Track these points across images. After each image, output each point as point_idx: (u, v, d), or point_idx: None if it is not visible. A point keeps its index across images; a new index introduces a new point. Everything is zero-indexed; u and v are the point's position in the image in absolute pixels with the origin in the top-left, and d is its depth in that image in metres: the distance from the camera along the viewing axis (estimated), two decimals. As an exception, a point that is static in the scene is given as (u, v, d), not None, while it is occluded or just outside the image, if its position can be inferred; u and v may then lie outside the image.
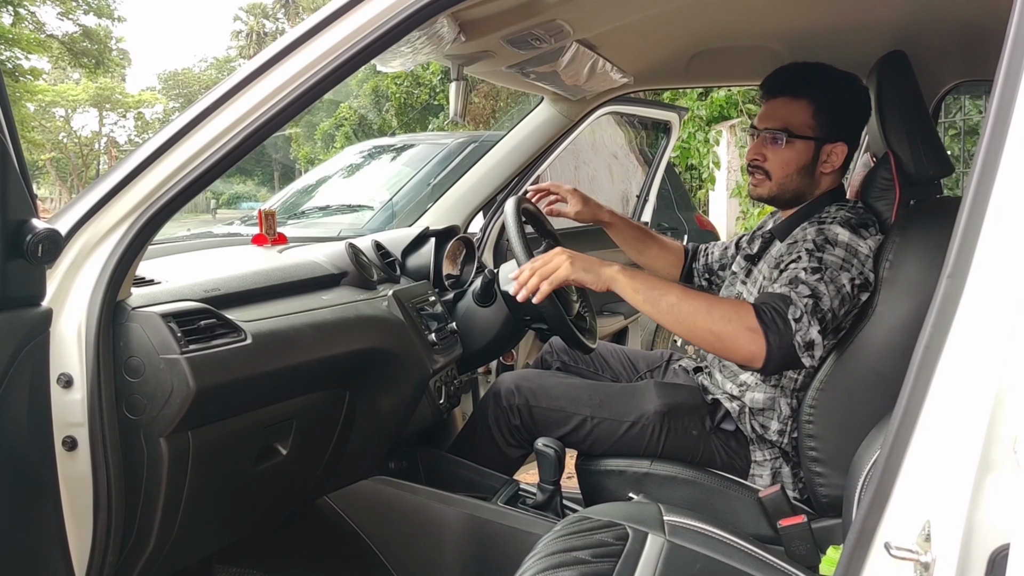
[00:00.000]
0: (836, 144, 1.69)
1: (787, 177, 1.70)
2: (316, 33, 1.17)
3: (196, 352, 1.19)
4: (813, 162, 1.69)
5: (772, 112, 1.71)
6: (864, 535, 0.78)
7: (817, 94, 1.67)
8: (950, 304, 0.75)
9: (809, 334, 1.46)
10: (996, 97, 0.77)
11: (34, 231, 0.96)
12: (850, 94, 1.71)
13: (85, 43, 26.41)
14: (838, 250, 1.54)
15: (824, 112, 1.67)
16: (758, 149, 1.72)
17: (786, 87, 1.70)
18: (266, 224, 1.94)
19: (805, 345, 1.46)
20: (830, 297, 1.49)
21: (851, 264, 1.53)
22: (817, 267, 1.52)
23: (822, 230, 1.58)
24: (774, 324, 1.45)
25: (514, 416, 1.80)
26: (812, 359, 1.47)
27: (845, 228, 1.56)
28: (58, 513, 1.09)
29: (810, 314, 1.46)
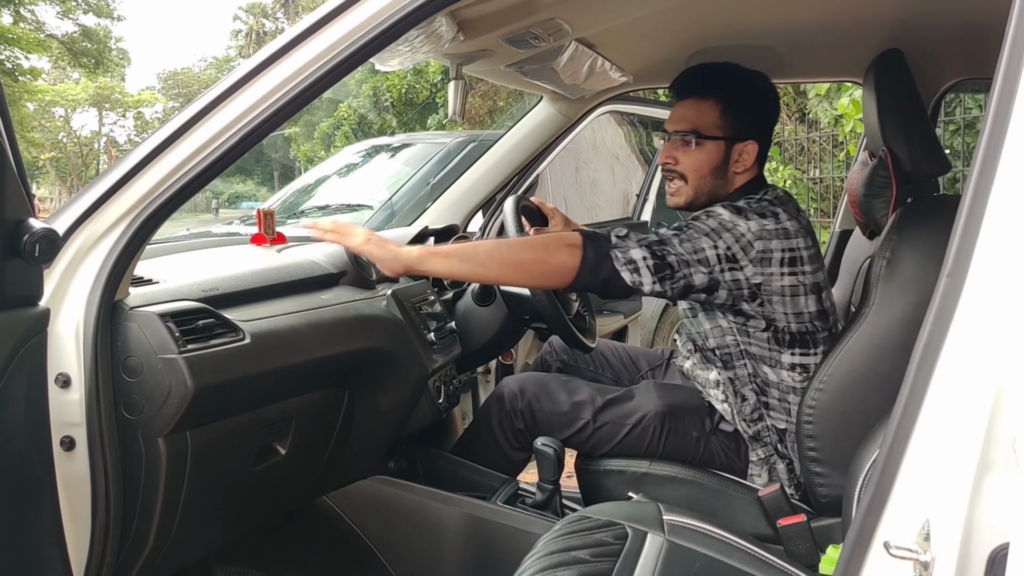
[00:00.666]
0: (746, 143, 1.69)
1: (701, 179, 1.70)
2: (315, 31, 1.16)
3: (194, 352, 1.19)
4: (725, 162, 1.70)
5: (681, 114, 1.72)
6: (863, 534, 0.78)
7: (724, 94, 1.68)
8: (949, 303, 0.75)
9: (630, 253, 1.48)
10: (995, 95, 0.76)
11: (31, 231, 0.95)
12: (757, 92, 1.73)
13: (85, 43, 26.40)
14: (710, 220, 1.56)
15: (732, 111, 1.68)
16: (670, 152, 1.72)
17: (693, 88, 1.71)
18: (265, 223, 1.94)
19: (625, 260, 1.48)
20: (679, 245, 1.51)
21: (719, 235, 1.53)
22: (679, 227, 1.55)
23: (708, 210, 1.60)
24: (594, 237, 1.49)
25: (518, 420, 1.80)
26: (637, 280, 1.49)
27: (727, 209, 1.58)
28: (56, 513, 1.09)
29: (639, 240, 1.50)
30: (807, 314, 1.62)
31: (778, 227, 1.57)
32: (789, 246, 1.58)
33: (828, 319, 1.66)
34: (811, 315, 1.63)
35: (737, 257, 1.54)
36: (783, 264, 1.57)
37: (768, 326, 1.62)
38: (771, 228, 1.56)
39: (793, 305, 1.61)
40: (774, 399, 1.68)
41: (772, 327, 1.62)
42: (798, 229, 1.60)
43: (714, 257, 1.52)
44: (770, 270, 1.57)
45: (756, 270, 1.56)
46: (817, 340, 1.64)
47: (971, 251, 0.75)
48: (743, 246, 1.54)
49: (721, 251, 1.52)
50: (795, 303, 1.61)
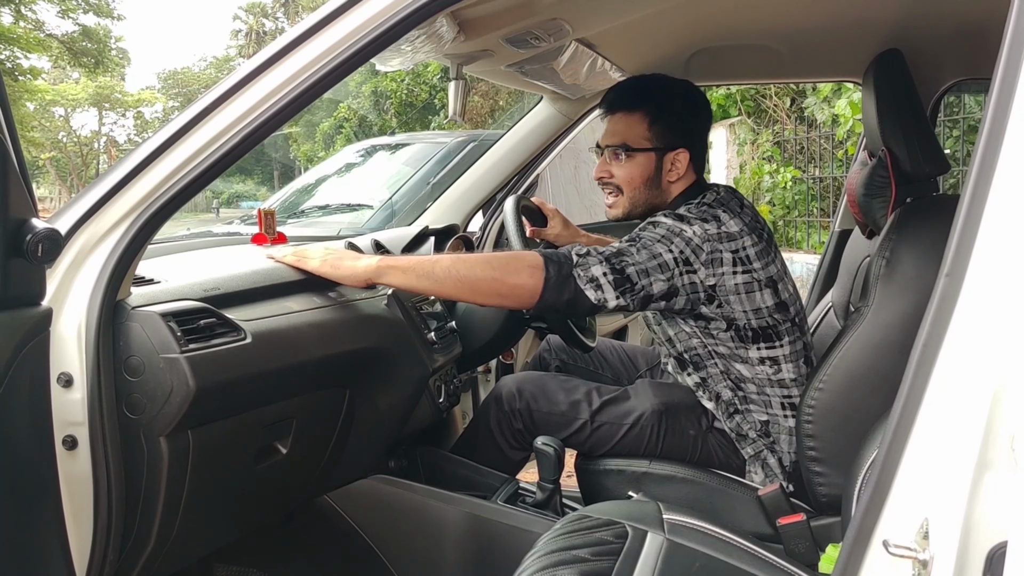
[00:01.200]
0: (677, 152, 1.72)
1: (635, 191, 1.74)
2: (316, 32, 1.17)
3: (196, 351, 1.19)
4: (658, 172, 1.73)
5: (612, 128, 1.76)
6: (863, 533, 0.79)
7: (651, 106, 1.72)
8: (948, 302, 0.76)
9: (591, 270, 1.49)
10: (994, 95, 0.77)
11: (34, 231, 0.96)
12: (685, 101, 1.76)
13: (85, 42, 26.42)
14: (658, 229, 1.58)
15: (660, 123, 1.71)
16: (604, 167, 1.76)
17: (621, 103, 1.75)
18: (266, 223, 1.94)
19: (587, 278, 1.49)
20: (636, 257, 1.52)
21: (670, 241, 1.55)
22: (632, 239, 1.57)
23: (650, 220, 1.62)
24: (556, 257, 1.50)
25: (516, 420, 1.81)
26: (600, 296, 1.50)
27: (669, 217, 1.61)
28: (58, 512, 1.09)
29: (600, 256, 1.51)
30: (765, 308, 1.64)
31: (720, 231, 1.59)
32: (734, 247, 1.60)
33: (789, 310, 1.67)
34: (769, 309, 1.64)
35: (690, 260, 1.56)
36: (734, 264, 1.60)
37: (729, 326, 1.65)
38: (714, 232, 1.59)
39: (750, 302, 1.62)
40: (752, 392, 1.69)
41: (733, 326, 1.65)
42: (742, 228, 1.61)
43: (671, 261, 1.54)
44: (721, 270, 1.59)
45: (708, 271, 1.58)
46: (780, 332, 1.67)
47: (970, 251, 0.75)
48: (693, 249, 1.56)
49: (676, 255, 1.55)
50: (751, 299, 1.62)
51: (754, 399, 1.69)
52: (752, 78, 2.99)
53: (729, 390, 1.71)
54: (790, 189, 6.73)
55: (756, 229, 1.65)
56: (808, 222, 6.65)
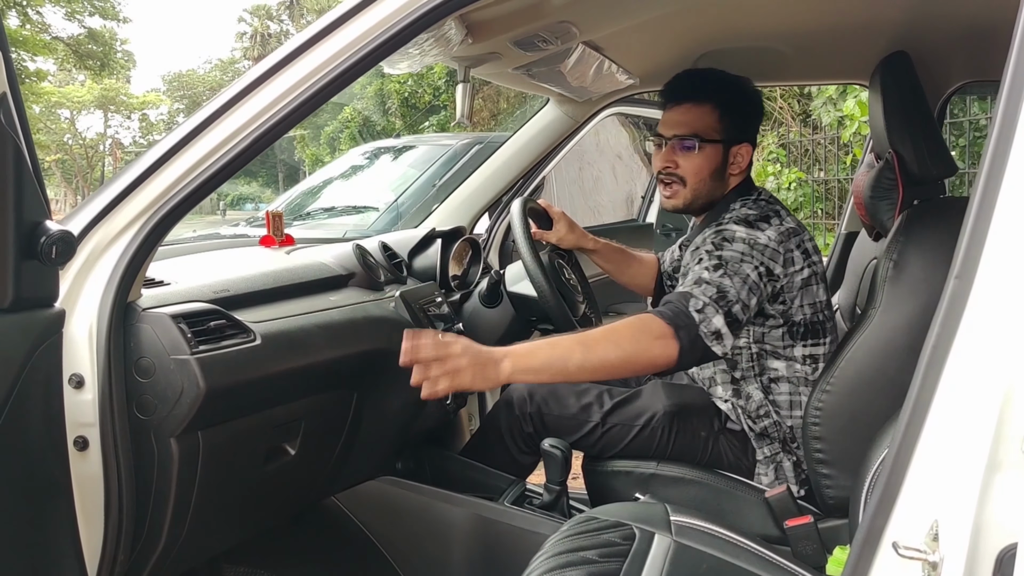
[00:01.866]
0: (741, 145, 1.74)
1: (701, 182, 1.73)
2: (325, 36, 1.17)
3: (206, 353, 1.20)
4: (723, 165, 1.74)
5: (678, 119, 1.74)
6: (872, 535, 0.79)
7: (720, 98, 1.72)
8: (957, 304, 0.76)
9: (713, 324, 1.48)
10: (1003, 97, 0.77)
11: (48, 233, 0.97)
12: (747, 97, 1.78)
13: (90, 45, 26.51)
14: (736, 244, 1.58)
15: (728, 116, 1.72)
16: (669, 157, 1.74)
17: (689, 93, 1.74)
18: (274, 225, 1.95)
19: (712, 334, 1.48)
20: (736, 289, 1.52)
21: (751, 256, 1.56)
22: (718, 264, 1.55)
23: (720, 231, 1.62)
24: (680, 321, 1.46)
25: (527, 424, 1.81)
26: (723, 348, 1.49)
27: (740, 225, 1.61)
28: (71, 512, 1.10)
29: (714, 303, 1.49)
30: (819, 303, 1.67)
31: (784, 228, 1.63)
32: (798, 242, 1.63)
33: (831, 307, 1.71)
34: (821, 304, 1.67)
35: (772, 269, 1.58)
36: (803, 259, 1.63)
37: (785, 322, 1.66)
38: (783, 230, 1.62)
39: (808, 296, 1.65)
40: (783, 395, 1.69)
41: (789, 322, 1.66)
42: (796, 225, 1.66)
43: (757, 277, 1.55)
44: (792, 268, 1.62)
45: (784, 271, 1.60)
46: (826, 329, 1.69)
47: (979, 253, 0.75)
48: (770, 256, 1.58)
49: (761, 269, 1.56)
50: (809, 293, 1.65)
51: (782, 402, 1.69)
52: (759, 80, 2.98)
53: (759, 391, 1.70)
54: (794, 191, 6.73)
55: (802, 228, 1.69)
56: (813, 224, 6.65)
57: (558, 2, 1.53)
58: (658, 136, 1.77)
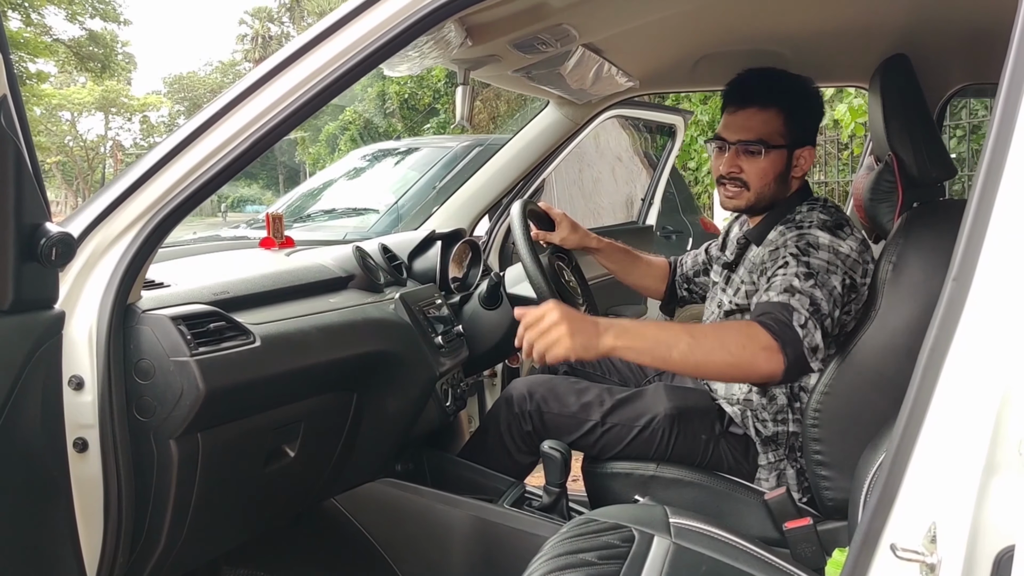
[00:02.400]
0: (805, 148, 1.72)
1: (766, 186, 1.71)
2: (325, 39, 1.18)
3: (206, 354, 1.20)
4: (787, 169, 1.72)
5: (744, 124, 1.71)
6: (870, 537, 0.79)
7: (784, 102, 1.70)
8: (955, 307, 0.76)
9: (815, 339, 1.46)
10: (1001, 100, 0.77)
11: (48, 235, 0.97)
12: (809, 99, 1.76)
13: (91, 47, 26.54)
14: (822, 253, 1.55)
15: (793, 120, 1.70)
16: (733, 161, 1.72)
17: (754, 97, 1.72)
18: (274, 227, 1.96)
19: (812, 350, 1.46)
20: (826, 301, 1.50)
21: (836, 266, 1.54)
22: (808, 272, 1.52)
23: (803, 235, 1.59)
24: (786, 335, 1.44)
25: (526, 422, 1.81)
26: (819, 363, 1.48)
27: (824, 231, 1.59)
28: (71, 513, 1.10)
29: (814, 319, 1.47)
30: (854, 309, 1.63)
31: (860, 237, 1.61)
32: (870, 255, 1.62)
33: None
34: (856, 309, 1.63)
35: (855, 282, 1.57)
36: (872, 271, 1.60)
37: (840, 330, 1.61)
38: (860, 239, 1.61)
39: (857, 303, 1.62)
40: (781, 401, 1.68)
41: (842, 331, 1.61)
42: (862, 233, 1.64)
43: (842, 289, 1.53)
44: (867, 279, 1.60)
45: (863, 282, 1.59)
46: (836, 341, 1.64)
47: (977, 255, 0.75)
48: (851, 266, 1.56)
49: (847, 281, 1.55)
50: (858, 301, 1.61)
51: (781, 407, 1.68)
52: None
53: (785, 396, 1.69)
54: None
55: None
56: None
57: (557, 5, 1.53)
58: (720, 140, 1.74)
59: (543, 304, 1.42)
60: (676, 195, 5.28)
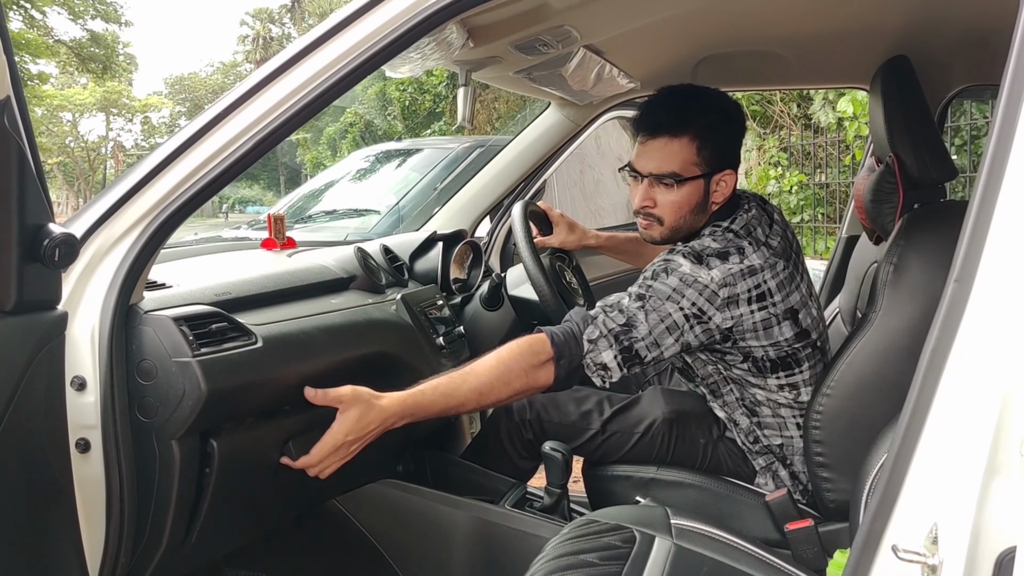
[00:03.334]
0: (724, 173, 1.61)
1: (680, 219, 1.62)
2: (327, 40, 1.18)
3: (208, 355, 1.20)
4: (705, 197, 1.61)
5: (653, 155, 1.60)
6: (871, 538, 0.79)
7: (698, 129, 1.58)
8: (957, 308, 0.76)
9: (601, 356, 1.46)
10: (1003, 101, 0.77)
11: (51, 235, 0.97)
12: (730, 119, 1.64)
13: (93, 48, 26.57)
14: (671, 279, 1.49)
15: (708, 146, 1.58)
16: (647, 195, 1.62)
17: (664, 126, 1.59)
18: (275, 228, 1.96)
19: (596, 366, 1.46)
20: (648, 326, 1.47)
21: (681, 295, 1.48)
22: (642, 294, 1.50)
23: (667, 260, 1.53)
24: (566, 347, 1.45)
25: (527, 430, 1.81)
26: (604, 380, 1.48)
27: (687, 259, 1.51)
28: (73, 514, 1.10)
29: (612, 338, 1.46)
30: (784, 341, 1.57)
31: (742, 267, 1.52)
32: (755, 283, 1.52)
33: (811, 335, 1.61)
34: (788, 341, 1.58)
35: (704, 310, 1.49)
36: (751, 303, 1.52)
37: (746, 358, 1.59)
38: (735, 271, 1.51)
39: (768, 337, 1.56)
40: (767, 417, 1.66)
41: (750, 358, 1.59)
42: (765, 260, 1.54)
43: (681, 318, 1.48)
44: (739, 311, 1.52)
45: (724, 315, 1.51)
46: (800, 359, 1.61)
47: (978, 256, 0.76)
48: (708, 297, 1.49)
49: (687, 310, 1.48)
50: (769, 334, 1.56)
51: (768, 423, 1.66)
52: (760, 84, 2.99)
53: (745, 417, 1.68)
54: (796, 194, 6.73)
55: (783, 253, 1.58)
56: (814, 228, 6.65)
57: (559, 6, 1.54)
58: (632, 170, 1.64)
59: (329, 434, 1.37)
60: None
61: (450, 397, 1.43)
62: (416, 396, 1.42)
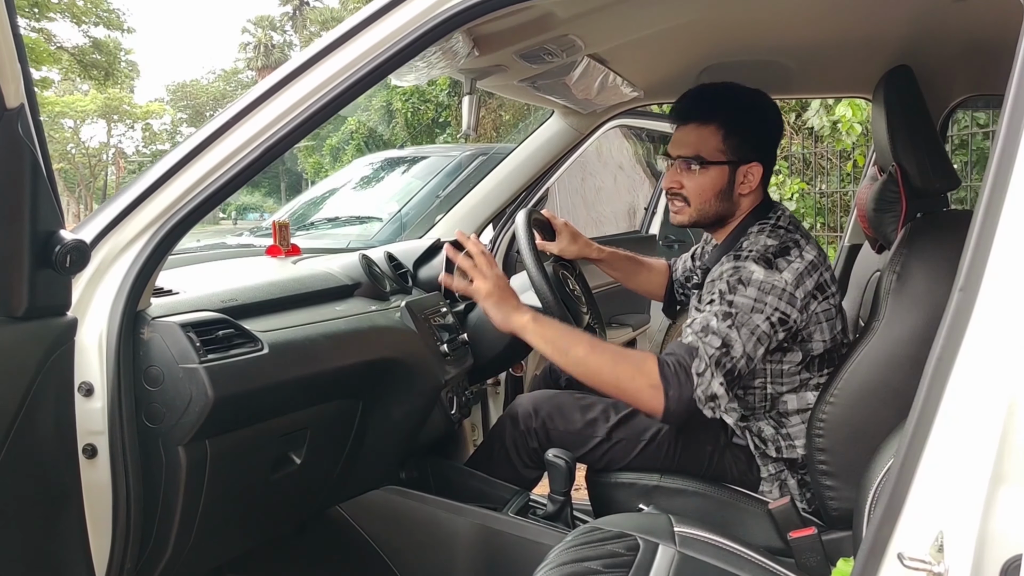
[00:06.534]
0: (751, 165, 1.68)
1: (705, 203, 1.69)
2: (334, 49, 1.19)
3: (214, 362, 1.21)
4: (730, 185, 1.68)
5: (683, 139, 1.70)
6: (877, 545, 0.79)
7: (726, 118, 1.67)
8: (962, 317, 0.76)
9: (711, 388, 1.47)
10: (1007, 110, 0.78)
11: (62, 242, 0.98)
12: (759, 113, 1.72)
13: (95, 55, 26.65)
14: (750, 290, 1.53)
15: (734, 135, 1.66)
16: (674, 177, 1.71)
17: (694, 113, 1.70)
18: (280, 235, 1.96)
19: (706, 398, 1.47)
20: (742, 343, 1.49)
21: (764, 303, 1.52)
22: (728, 312, 1.51)
23: (737, 268, 1.56)
24: (676, 379, 1.46)
25: (532, 439, 1.81)
26: (714, 412, 1.49)
27: (760, 264, 1.55)
28: (81, 519, 1.11)
29: (715, 366, 1.47)
30: (838, 333, 1.65)
31: (805, 262, 1.58)
32: (818, 277, 1.59)
33: (847, 334, 1.68)
34: (839, 335, 1.65)
35: (787, 313, 1.54)
36: (817, 297, 1.59)
37: (805, 356, 1.63)
38: (801, 268, 1.56)
39: (830, 329, 1.63)
40: (795, 427, 1.67)
41: (808, 356, 1.63)
42: (817, 253, 1.61)
43: (768, 327, 1.52)
44: (812, 307, 1.58)
45: (803, 314, 1.57)
46: (840, 356, 1.65)
47: (984, 265, 0.76)
48: (787, 300, 1.54)
49: (772, 317, 1.53)
50: (831, 327, 1.63)
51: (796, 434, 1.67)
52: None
53: (772, 427, 1.68)
54: (796, 202, 6.73)
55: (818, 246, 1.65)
56: (815, 237, 6.64)
57: (564, 16, 1.55)
58: (667, 155, 1.76)
59: (490, 264, 1.59)
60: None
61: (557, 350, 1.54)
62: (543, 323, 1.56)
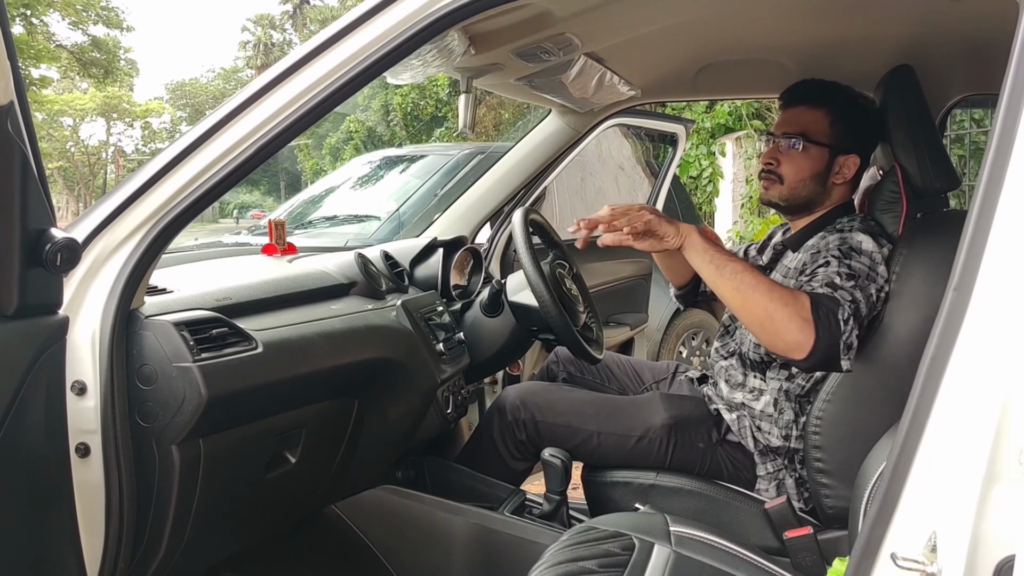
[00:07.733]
0: (849, 156, 1.71)
1: (799, 182, 1.71)
2: (330, 47, 1.18)
3: (208, 360, 1.20)
4: (826, 170, 1.71)
5: (790, 119, 1.74)
6: (871, 545, 0.79)
7: (835, 105, 1.71)
8: (956, 317, 0.76)
9: (851, 337, 1.46)
10: (1002, 110, 0.78)
11: (53, 240, 0.97)
12: (865, 112, 1.75)
13: (94, 53, 26.65)
14: (864, 258, 1.54)
15: (841, 123, 1.70)
16: (772, 153, 1.74)
17: (806, 97, 1.74)
18: (276, 234, 1.96)
19: (846, 347, 1.45)
20: (864, 305, 1.49)
21: (876, 273, 1.53)
22: (850, 273, 1.51)
23: (844, 238, 1.59)
24: (827, 320, 1.43)
25: (520, 431, 1.81)
26: (848, 362, 1.47)
27: (866, 235, 1.57)
28: (73, 519, 1.10)
29: (853, 317, 1.46)
30: None
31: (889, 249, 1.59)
32: None
33: None
34: None
35: (889, 281, 1.54)
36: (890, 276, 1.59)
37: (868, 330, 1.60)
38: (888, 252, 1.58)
39: None
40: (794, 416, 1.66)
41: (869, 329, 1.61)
42: None
43: (876, 298, 1.52)
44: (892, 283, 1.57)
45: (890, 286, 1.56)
46: None
47: (977, 265, 0.76)
48: (885, 272, 1.54)
49: (880, 284, 1.53)
50: None
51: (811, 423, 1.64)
52: (761, 92, 3.00)
53: (792, 411, 1.67)
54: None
55: None
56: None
57: (560, 14, 1.54)
58: (769, 134, 1.79)
59: (638, 207, 1.53)
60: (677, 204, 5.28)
61: (713, 263, 1.50)
62: (711, 248, 1.51)
